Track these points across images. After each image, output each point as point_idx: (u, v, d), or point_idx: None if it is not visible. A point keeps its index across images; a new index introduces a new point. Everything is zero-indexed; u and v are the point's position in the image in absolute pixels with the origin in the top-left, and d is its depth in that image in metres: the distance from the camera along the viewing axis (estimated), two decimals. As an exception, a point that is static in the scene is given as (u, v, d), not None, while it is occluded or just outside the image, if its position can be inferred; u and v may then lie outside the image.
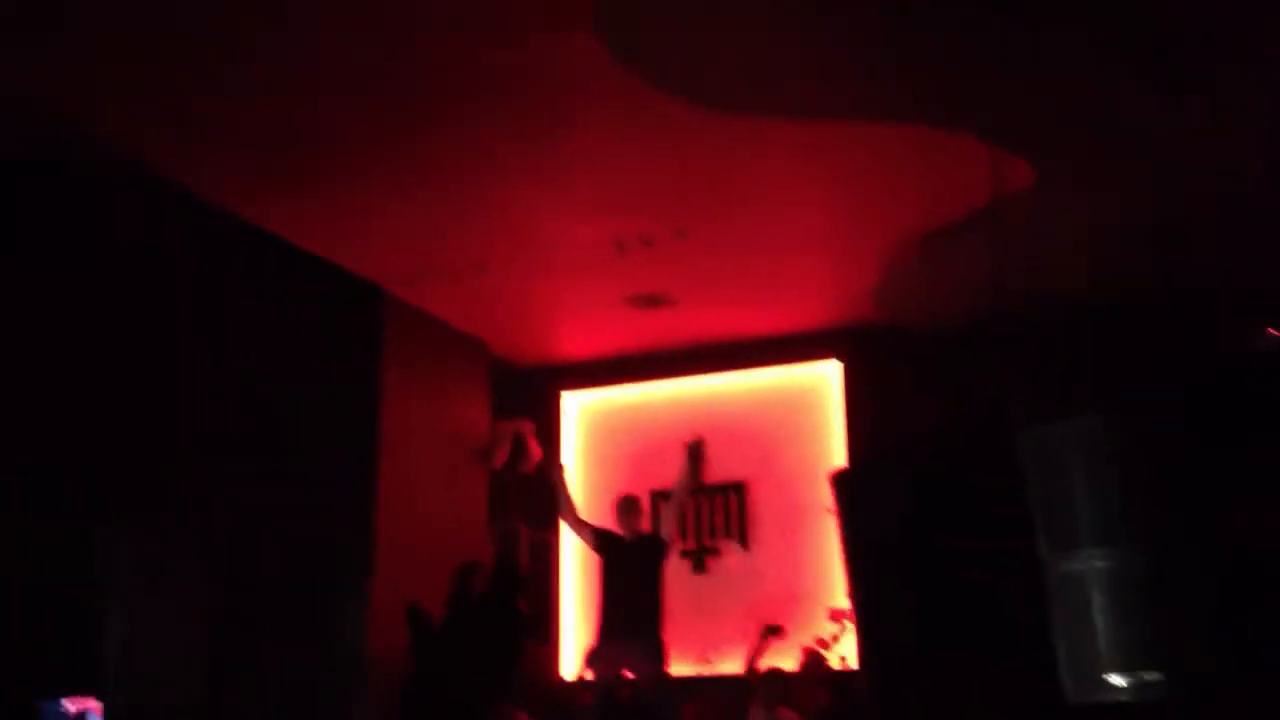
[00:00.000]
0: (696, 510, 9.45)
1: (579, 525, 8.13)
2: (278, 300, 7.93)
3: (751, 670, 8.02)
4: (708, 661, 8.94)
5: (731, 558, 9.37)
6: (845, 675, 8.21)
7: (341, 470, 7.80)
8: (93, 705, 5.47)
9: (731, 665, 8.61)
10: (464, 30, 5.22)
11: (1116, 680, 4.81)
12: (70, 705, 5.40)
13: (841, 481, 6.20)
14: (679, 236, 7.38)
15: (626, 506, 8.07)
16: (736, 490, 9.43)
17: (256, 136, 6.11)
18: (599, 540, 7.98)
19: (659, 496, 9.24)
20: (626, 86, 5.64)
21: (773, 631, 8.23)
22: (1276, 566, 4.38)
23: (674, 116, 5.94)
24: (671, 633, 7.93)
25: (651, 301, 8.52)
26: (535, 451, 9.40)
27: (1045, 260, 7.29)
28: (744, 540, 9.37)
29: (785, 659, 8.16)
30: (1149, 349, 7.80)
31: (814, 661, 8.26)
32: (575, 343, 9.54)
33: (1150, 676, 4.77)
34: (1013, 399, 6.44)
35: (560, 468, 8.61)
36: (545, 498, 9.62)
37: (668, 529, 8.05)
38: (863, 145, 6.30)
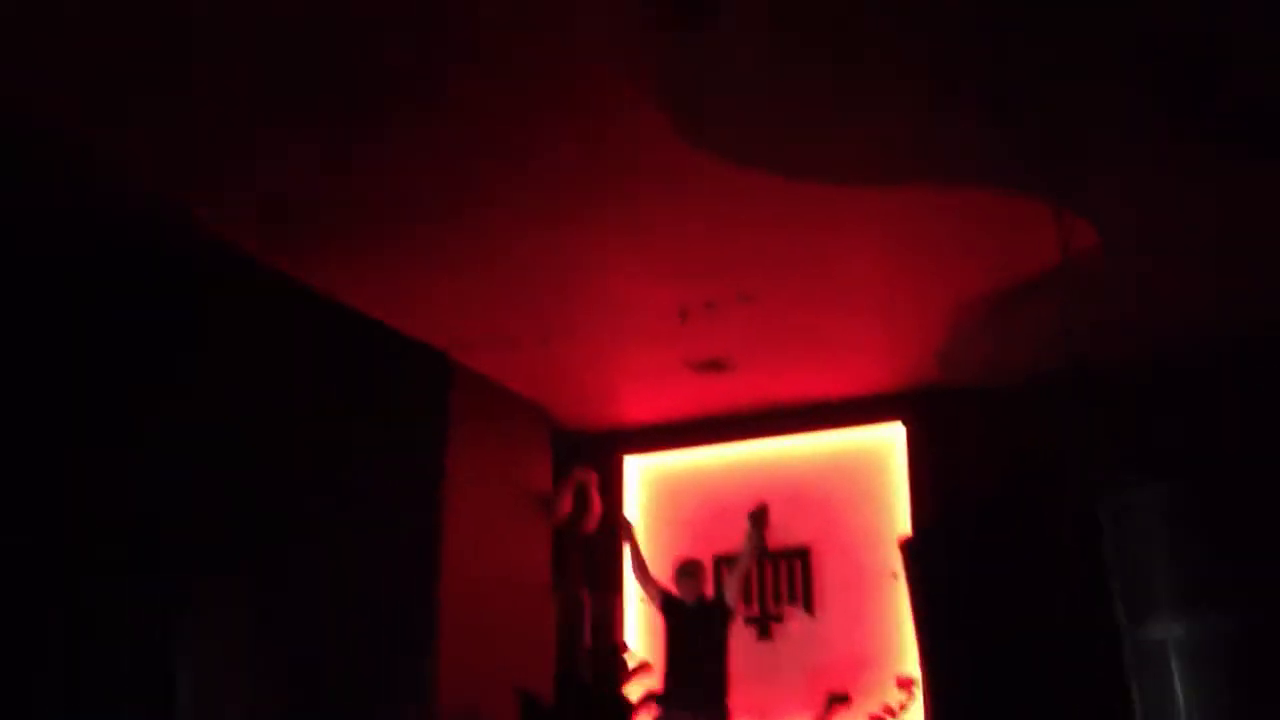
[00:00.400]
0: (760, 576, 9.38)
1: (648, 583, 8.14)
2: (344, 368, 8.02)
3: None
4: (773, 728, 8.84)
5: (796, 624, 9.27)
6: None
7: (406, 537, 7.83)
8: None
9: (797, 733, 8.51)
10: (531, 102, 5.28)
11: (1200, 752, 4.73)
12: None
13: (911, 547, 6.18)
14: (742, 300, 7.39)
15: (688, 571, 8.07)
16: (800, 555, 9.35)
17: (324, 206, 6.19)
18: (665, 603, 7.97)
19: (722, 562, 9.20)
20: (689, 155, 5.68)
21: (839, 700, 8.16)
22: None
23: (737, 183, 5.96)
24: (736, 700, 7.88)
25: (714, 366, 8.52)
26: (597, 504, 9.42)
27: (1116, 321, 7.22)
28: (809, 606, 9.28)
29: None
30: (1230, 411, 7.70)
31: None
32: (637, 407, 9.54)
33: (1235, 748, 4.69)
34: (1084, 464, 6.39)
35: (628, 524, 8.64)
36: (608, 560, 9.65)
37: (732, 595, 8.02)
38: (926, 208, 6.29)
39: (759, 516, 8.00)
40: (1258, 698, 4.71)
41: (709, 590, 8.41)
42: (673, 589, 8.14)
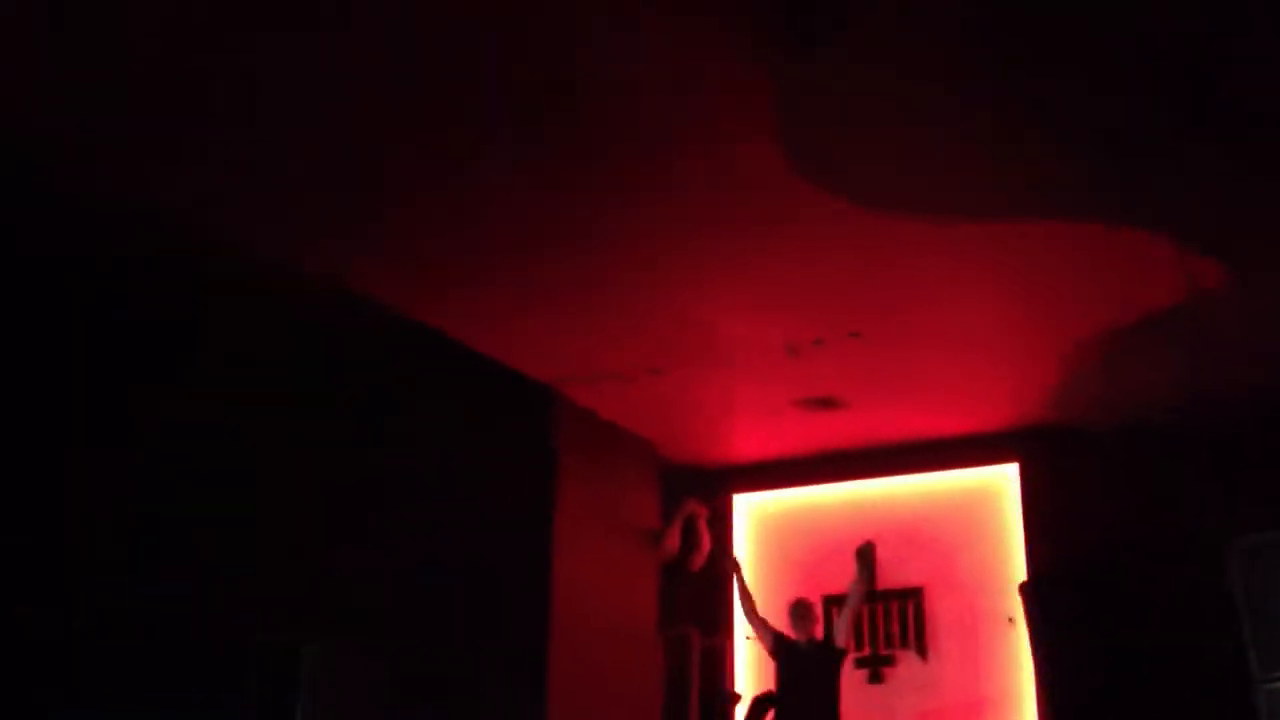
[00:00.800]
0: (872, 617, 9.22)
1: (759, 624, 8.07)
2: (452, 405, 8.07)
3: None
4: (885, 774, 8.66)
5: (909, 667, 9.09)
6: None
7: (516, 575, 7.82)
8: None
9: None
10: (640, 134, 5.26)
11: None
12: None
13: (1031, 591, 6.01)
14: (852, 337, 7.29)
15: (800, 612, 7.98)
16: (913, 596, 9.18)
17: (433, 239, 6.22)
18: (776, 644, 7.87)
19: (831, 602, 9.08)
20: (800, 189, 5.61)
21: None
22: None
23: (849, 217, 5.87)
24: (848, 746, 7.74)
25: (823, 404, 8.42)
26: (706, 540, 9.34)
27: (1242, 361, 7.00)
28: (922, 649, 9.09)
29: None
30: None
31: None
32: (746, 444, 9.46)
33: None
34: (1212, 507, 6.18)
35: (736, 562, 8.57)
36: (717, 599, 9.56)
37: (843, 635, 7.90)
38: (1042, 243, 6.14)
39: (866, 553, 7.93)
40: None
41: (820, 631, 8.29)
42: (783, 629, 8.04)
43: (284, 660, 6.62)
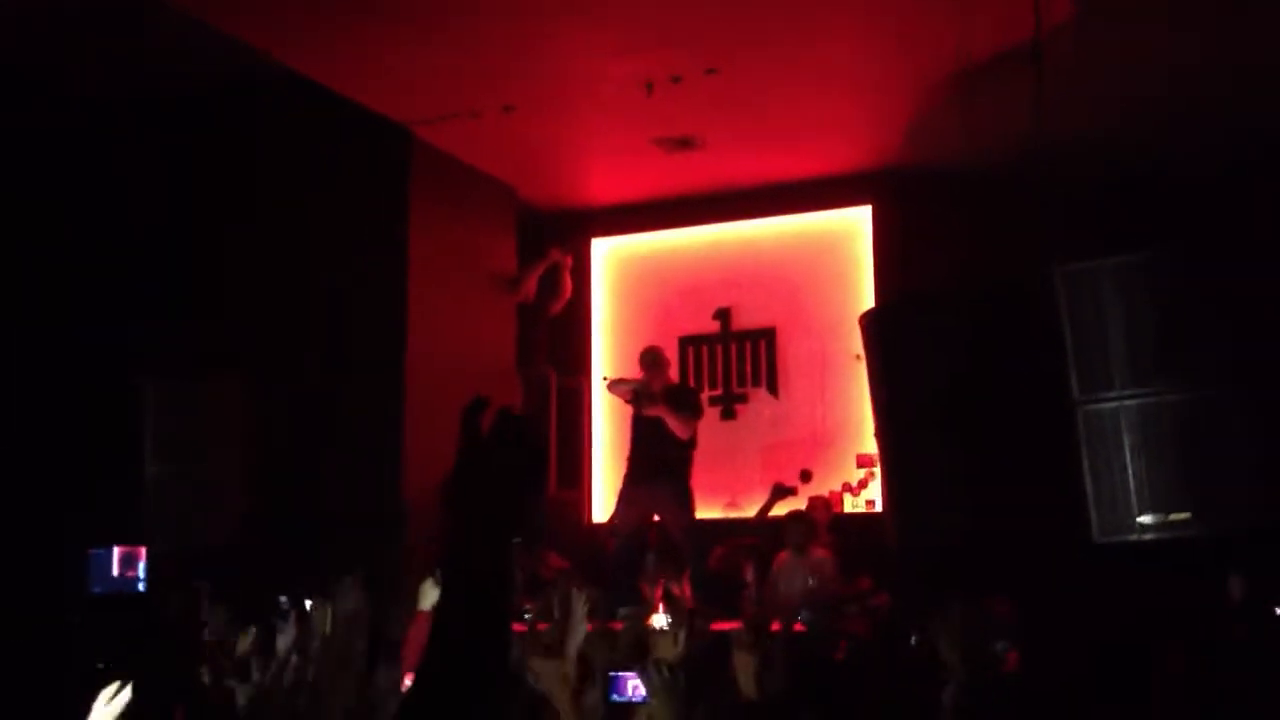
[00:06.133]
0: (726, 357, 9.44)
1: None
2: (305, 144, 7.86)
3: (761, 518, 8.17)
4: (736, 506, 9.01)
5: (760, 403, 9.37)
6: (869, 519, 8.27)
7: (373, 317, 7.80)
8: (139, 551, 5.57)
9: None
10: None
11: (1145, 519, 4.83)
12: (118, 551, 5.51)
13: (871, 322, 6.17)
14: (709, 74, 7.21)
15: (653, 361, 8.05)
16: (766, 337, 9.40)
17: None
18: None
19: (688, 342, 9.29)
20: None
21: (785, 493, 8.29)
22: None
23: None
24: (701, 478, 7.99)
25: (681, 144, 8.38)
26: (567, 286, 9.40)
27: (1084, 103, 7.10)
28: (773, 387, 9.36)
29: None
30: (1192, 190, 7.66)
31: (820, 506, 8.29)
32: (604, 187, 9.42)
33: (1178, 516, 4.79)
34: (1049, 240, 6.35)
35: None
36: (574, 342, 9.68)
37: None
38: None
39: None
40: (1207, 469, 4.79)
41: (674, 376, 8.46)
42: (634, 376, 8.13)
43: (128, 396, 6.54)
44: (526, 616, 3.89)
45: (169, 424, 6.58)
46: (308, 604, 3.45)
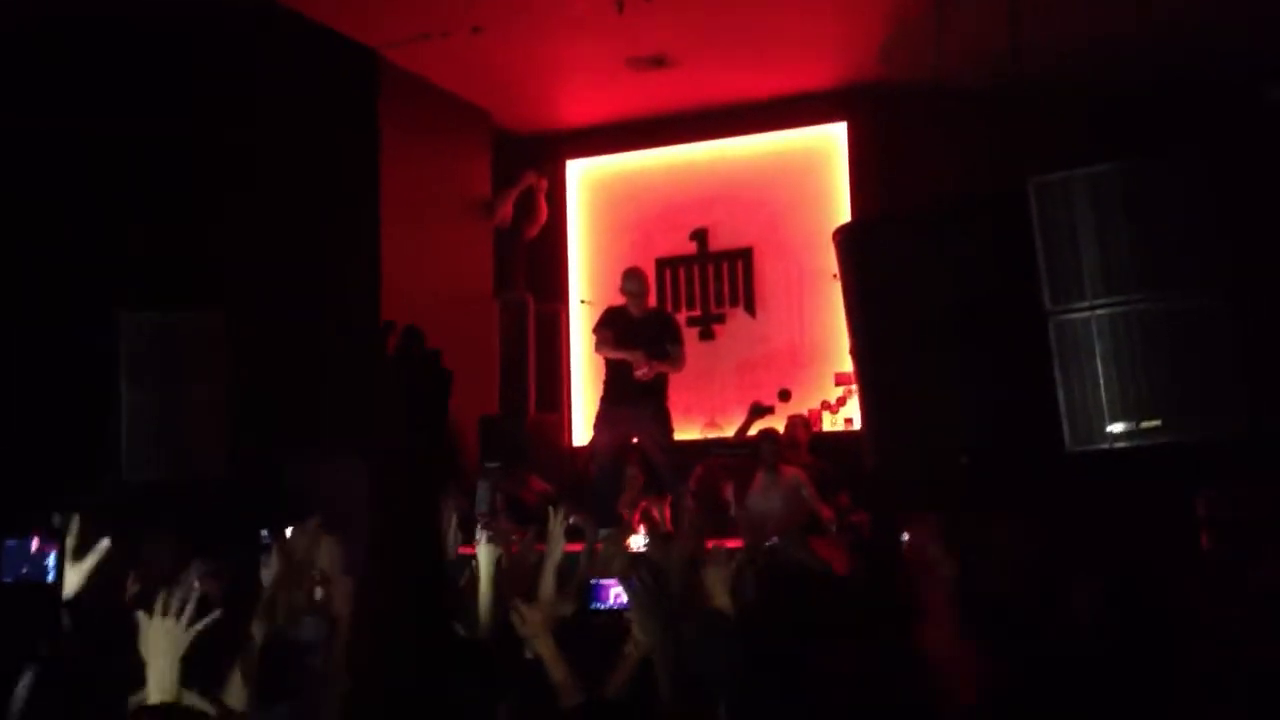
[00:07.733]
0: (703, 278, 9.43)
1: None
2: (282, 78, 7.74)
3: (740, 438, 8.19)
4: (715, 426, 9.04)
5: (737, 323, 9.38)
6: (847, 437, 8.30)
7: (346, 245, 7.75)
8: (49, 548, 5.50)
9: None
10: None
11: (1115, 428, 4.86)
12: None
13: (846, 238, 6.15)
14: (681, -10, 7.14)
15: (639, 283, 7.98)
16: (743, 256, 9.38)
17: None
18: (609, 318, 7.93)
19: (665, 264, 9.27)
20: None
21: (762, 412, 8.30)
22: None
23: None
24: (679, 399, 8.01)
25: (653, 63, 8.31)
26: (543, 210, 9.37)
27: (1062, 12, 7.05)
28: (751, 307, 9.36)
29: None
30: (1168, 103, 7.63)
31: (799, 424, 8.32)
32: (578, 108, 9.34)
33: (1149, 424, 4.82)
34: (1024, 153, 6.33)
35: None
36: (551, 267, 9.65)
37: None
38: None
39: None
40: (1177, 378, 4.82)
41: (652, 300, 8.43)
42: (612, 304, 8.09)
43: (104, 330, 6.49)
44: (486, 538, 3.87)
45: (147, 356, 6.54)
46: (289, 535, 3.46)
